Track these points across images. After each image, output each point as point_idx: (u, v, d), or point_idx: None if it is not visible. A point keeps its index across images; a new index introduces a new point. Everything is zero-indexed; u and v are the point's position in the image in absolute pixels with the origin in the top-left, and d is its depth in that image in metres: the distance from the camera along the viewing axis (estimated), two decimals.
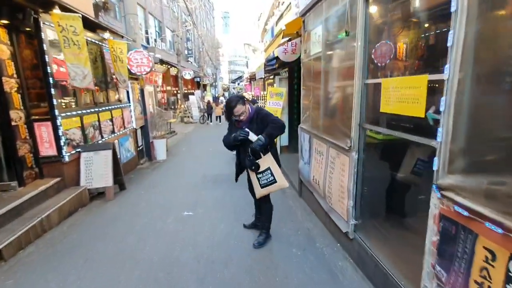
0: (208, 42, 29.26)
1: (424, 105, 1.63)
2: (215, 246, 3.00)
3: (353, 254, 2.71)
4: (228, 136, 2.88)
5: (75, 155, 4.53)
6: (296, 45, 6.28)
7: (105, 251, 2.92)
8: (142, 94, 7.53)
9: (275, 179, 2.70)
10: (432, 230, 1.58)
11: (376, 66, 2.29)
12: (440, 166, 1.48)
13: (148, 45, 15.67)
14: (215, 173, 5.99)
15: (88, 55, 4.19)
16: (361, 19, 2.28)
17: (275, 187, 2.73)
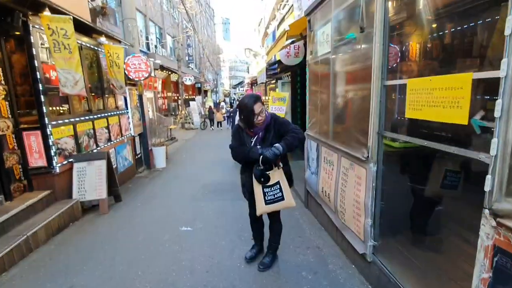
0: (209, 48, 29.20)
1: (467, 110, 1.34)
2: (215, 269, 2.69)
3: (372, 279, 2.38)
4: (239, 147, 2.44)
5: (67, 165, 4.26)
6: (299, 48, 6.03)
7: (92, 278, 2.61)
8: (140, 100, 7.29)
9: (283, 196, 2.38)
10: (483, 265, 1.27)
11: (397, 66, 2.00)
12: (496, 187, 1.18)
13: (149, 51, 15.53)
14: (216, 182, 5.69)
15: (79, 59, 3.95)
16: (379, 13, 2.00)
17: (281, 205, 2.41)
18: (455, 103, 1.40)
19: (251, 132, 2.42)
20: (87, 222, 3.95)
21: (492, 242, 1.22)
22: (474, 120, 1.34)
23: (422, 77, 1.65)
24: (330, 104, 3.09)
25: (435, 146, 1.61)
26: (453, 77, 1.42)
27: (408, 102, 1.78)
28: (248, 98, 2.37)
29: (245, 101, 2.36)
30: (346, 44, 2.70)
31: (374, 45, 2.07)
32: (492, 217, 1.19)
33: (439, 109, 1.51)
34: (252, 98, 2.35)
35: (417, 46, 2.70)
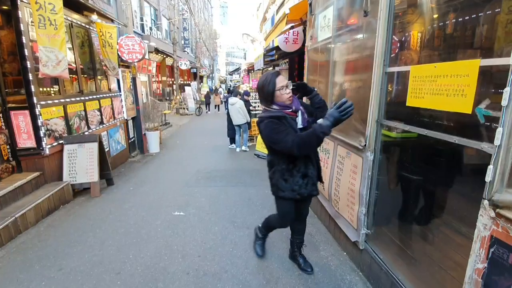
0: (206, 32, 28.50)
1: (472, 99, 1.29)
2: (208, 254, 2.67)
3: (364, 266, 2.40)
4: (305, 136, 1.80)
5: (57, 147, 4.15)
6: (298, 35, 5.89)
7: (82, 261, 2.57)
8: (134, 83, 7.11)
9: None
10: (478, 256, 1.26)
11: (400, 52, 1.94)
12: (497, 177, 1.15)
13: (143, 33, 15.07)
14: (210, 168, 5.64)
15: (65, 37, 3.76)
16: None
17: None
18: (460, 91, 1.35)
19: (292, 112, 1.98)
20: (78, 205, 3.88)
21: (489, 233, 1.20)
22: (479, 109, 1.30)
23: (426, 64, 1.59)
24: (329, 91, 3.02)
25: (435, 136, 1.58)
26: (459, 64, 1.36)
27: (410, 90, 1.73)
28: (267, 75, 2.00)
29: (264, 79, 1.97)
30: (348, 28, 2.62)
31: (378, 30, 1.99)
32: (492, 208, 1.17)
33: (442, 98, 1.47)
34: (270, 74, 2.00)
35: (418, 35, 2.63)
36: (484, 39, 2.05)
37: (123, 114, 6.56)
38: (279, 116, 1.91)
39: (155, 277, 2.34)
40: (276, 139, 1.87)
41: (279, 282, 2.29)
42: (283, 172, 2.03)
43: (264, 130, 1.93)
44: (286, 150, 1.85)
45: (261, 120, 1.97)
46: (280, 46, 6.03)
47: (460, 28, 2.05)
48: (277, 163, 2.06)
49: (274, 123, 1.88)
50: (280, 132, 1.85)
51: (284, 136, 1.83)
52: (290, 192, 2.05)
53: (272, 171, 2.12)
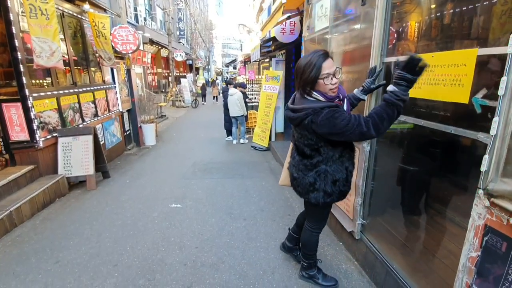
0: (201, 23, 28.06)
1: (469, 89, 1.29)
2: (205, 245, 2.69)
3: (359, 256, 2.43)
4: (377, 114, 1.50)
5: (51, 140, 4.10)
6: (295, 25, 5.81)
7: (79, 253, 2.57)
8: (128, 75, 7.01)
9: None
10: (472, 244, 1.28)
11: (398, 43, 1.92)
12: (492, 167, 1.16)
13: (137, 24, 14.78)
14: (206, 160, 5.63)
15: (57, 27, 3.69)
16: None
17: None
18: (457, 81, 1.35)
19: (340, 101, 1.71)
20: (73, 198, 3.87)
21: (483, 222, 1.21)
22: (476, 99, 1.30)
23: (424, 53, 1.58)
24: None
25: (432, 126, 1.58)
26: (457, 53, 1.35)
27: None
28: (312, 56, 1.60)
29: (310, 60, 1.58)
30: (346, 18, 2.58)
31: (376, 19, 1.97)
32: (486, 197, 1.18)
33: (439, 88, 1.46)
34: (317, 53, 1.59)
35: (416, 25, 2.60)
36: (481, 29, 2.03)
37: (118, 107, 6.48)
38: (331, 105, 1.57)
39: (153, 268, 2.35)
40: (346, 126, 1.50)
41: (276, 273, 2.31)
42: (333, 173, 1.73)
43: (327, 121, 1.53)
44: (361, 135, 1.52)
45: (315, 111, 1.56)
46: (276, 36, 5.96)
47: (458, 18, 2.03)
48: (325, 163, 1.72)
49: (334, 111, 1.54)
50: (346, 118, 1.52)
51: (354, 121, 1.50)
52: (337, 195, 1.79)
53: (315, 173, 1.75)
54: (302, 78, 1.63)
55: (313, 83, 1.60)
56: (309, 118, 1.60)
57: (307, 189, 1.81)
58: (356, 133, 1.52)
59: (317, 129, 1.60)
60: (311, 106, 1.61)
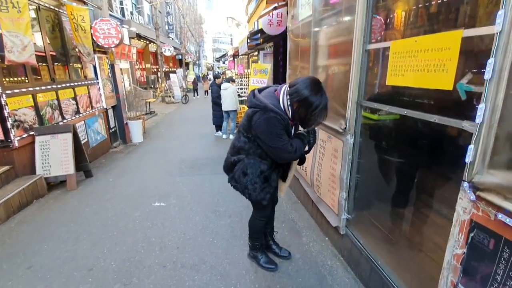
0: (190, 16, 27.52)
1: (453, 74, 1.19)
2: (187, 245, 2.58)
3: (344, 251, 2.36)
4: (300, 145, 1.82)
5: (27, 139, 3.90)
6: (282, 16, 5.66)
7: (53, 257, 2.44)
8: (112, 70, 6.76)
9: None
10: (457, 241, 1.20)
11: (385, 32, 1.81)
12: (478, 158, 1.07)
13: (124, 18, 14.38)
14: (194, 157, 5.50)
15: (29, 21, 3.47)
16: None
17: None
18: (441, 66, 1.25)
19: (292, 122, 1.84)
20: (52, 199, 3.70)
21: (469, 217, 1.13)
22: (460, 85, 1.21)
23: (407, 38, 1.48)
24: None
25: (415, 115, 1.49)
26: (441, 36, 1.25)
27: (390, 68, 1.62)
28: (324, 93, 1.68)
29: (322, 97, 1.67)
30: (328, 6, 2.46)
31: (358, 4, 1.85)
32: (472, 190, 1.10)
33: (423, 74, 1.36)
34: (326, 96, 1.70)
35: (402, 14, 2.51)
36: (468, 18, 1.94)
37: (102, 103, 6.26)
38: (283, 118, 1.71)
39: (130, 271, 2.24)
40: (278, 137, 1.70)
41: (259, 271, 2.22)
42: (246, 166, 1.88)
43: (265, 122, 1.68)
44: (282, 152, 1.75)
45: (266, 109, 1.68)
46: (264, 28, 5.80)
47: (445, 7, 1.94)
48: (246, 154, 1.88)
49: (279, 121, 1.68)
50: (282, 134, 1.72)
51: (285, 138, 1.73)
52: (242, 188, 1.96)
53: (237, 158, 1.91)
54: (309, 107, 1.66)
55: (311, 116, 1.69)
56: (257, 111, 1.71)
57: (228, 167, 2.00)
58: (279, 146, 1.72)
59: (254, 125, 1.73)
60: (266, 104, 1.68)
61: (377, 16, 2.03)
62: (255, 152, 1.86)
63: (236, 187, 1.97)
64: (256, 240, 2.28)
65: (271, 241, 2.46)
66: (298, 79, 1.73)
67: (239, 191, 1.97)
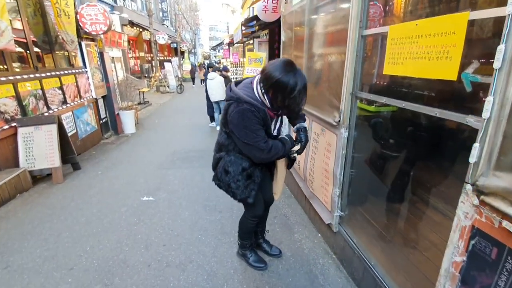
0: (186, 3, 26.78)
1: (458, 62, 1.06)
2: (174, 243, 2.48)
3: (337, 249, 2.27)
4: (276, 143, 1.66)
5: (9, 130, 3.73)
6: (277, 2, 5.43)
7: (32, 256, 2.32)
8: (101, 58, 6.52)
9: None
10: (456, 247, 1.10)
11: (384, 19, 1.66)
12: (483, 158, 0.95)
13: (115, 4, 13.90)
14: (187, 148, 5.36)
15: (5, 3, 3.25)
16: None
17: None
18: (444, 53, 1.11)
19: (274, 114, 1.70)
20: (37, 193, 3.57)
21: (470, 223, 1.02)
22: (465, 74, 1.07)
23: (407, 22, 1.33)
24: (304, 61, 2.74)
25: (415, 108, 1.36)
26: (444, 19, 1.11)
27: (388, 55, 1.48)
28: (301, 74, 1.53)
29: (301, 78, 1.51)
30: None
31: None
32: (475, 194, 0.98)
33: (424, 62, 1.23)
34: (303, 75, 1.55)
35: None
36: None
37: (91, 93, 6.05)
38: (260, 109, 1.55)
39: (112, 271, 2.13)
40: (253, 132, 1.55)
41: (248, 270, 2.13)
42: (227, 164, 1.76)
43: (237, 115, 1.54)
44: (254, 150, 1.60)
45: (239, 100, 1.54)
46: (258, 15, 5.58)
47: None
48: (226, 151, 1.78)
49: (254, 113, 1.53)
50: (257, 129, 1.56)
51: (261, 135, 1.57)
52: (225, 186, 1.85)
53: (219, 155, 1.82)
54: (290, 97, 1.51)
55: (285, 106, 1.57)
56: (232, 103, 1.59)
57: (213, 165, 1.92)
58: (251, 144, 1.58)
59: (228, 118, 1.61)
60: (240, 95, 1.56)
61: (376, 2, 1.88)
62: (235, 148, 1.75)
63: (220, 185, 1.86)
64: (245, 239, 2.18)
65: (262, 239, 2.36)
66: (268, 63, 1.58)
67: (223, 189, 1.86)
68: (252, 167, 1.77)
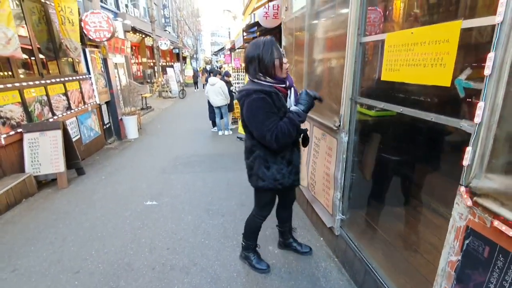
0: (188, 10, 27.10)
1: (451, 69, 1.10)
2: (177, 246, 2.51)
3: (339, 252, 2.30)
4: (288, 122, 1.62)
5: (15, 136, 3.80)
6: (278, 8, 5.51)
7: (39, 260, 2.36)
8: (105, 65, 6.63)
9: None
10: (452, 247, 1.13)
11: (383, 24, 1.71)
12: (476, 161, 0.99)
13: (118, 11, 14.14)
14: (189, 153, 5.41)
15: (11, 11, 3.33)
16: None
17: None
18: (438, 60, 1.16)
19: (284, 89, 1.72)
20: (42, 198, 3.62)
21: (465, 223, 1.06)
22: (459, 81, 1.12)
23: (403, 30, 1.38)
24: (304, 67, 2.79)
25: (411, 113, 1.40)
26: (438, 27, 1.16)
27: (385, 62, 1.53)
28: (263, 42, 1.64)
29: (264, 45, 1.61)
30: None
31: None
32: (468, 195, 1.02)
33: (419, 69, 1.27)
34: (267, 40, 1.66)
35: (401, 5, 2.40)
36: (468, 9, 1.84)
37: (95, 99, 6.14)
38: (270, 92, 1.60)
39: (117, 274, 2.17)
40: (260, 122, 1.60)
41: (251, 274, 2.16)
42: (266, 159, 1.77)
43: (249, 105, 1.61)
44: (263, 141, 1.66)
45: (248, 93, 1.60)
46: (260, 21, 5.66)
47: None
48: (259, 148, 1.77)
49: (264, 101, 1.58)
50: (266, 117, 1.59)
51: (268, 124, 1.59)
52: (271, 181, 1.80)
53: (252, 158, 1.82)
54: (262, 63, 1.63)
55: (273, 66, 1.63)
56: (243, 99, 1.66)
57: (248, 173, 1.91)
58: (261, 134, 1.62)
59: (243, 113, 1.68)
60: (249, 88, 1.64)
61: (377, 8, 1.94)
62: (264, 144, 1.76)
63: (265, 185, 1.81)
64: (251, 239, 2.20)
65: (291, 238, 2.40)
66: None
67: (270, 187, 1.82)
68: (288, 153, 1.79)
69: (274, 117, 1.61)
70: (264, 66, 1.62)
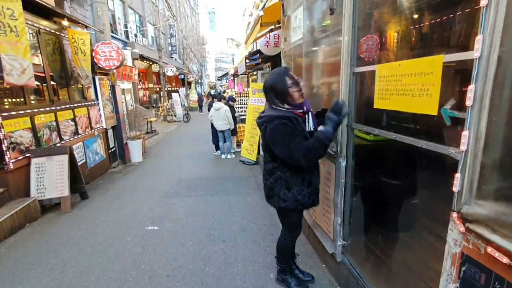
0: (193, 38, 28.36)
1: (437, 99, 1.17)
2: (177, 273, 2.48)
3: (341, 280, 2.25)
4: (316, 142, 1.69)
5: (23, 161, 3.90)
6: (279, 37, 5.78)
7: (39, 285, 2.34)
8: (113, 91, 6.88)
9: None
10: (450, 275, 1.13)
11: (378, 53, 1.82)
12: (465, 187, 1.02)
13: (128, 40, 14.84)
14: (191, 176, 5.45)
15: (28, 44, 3.56)
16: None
17: None
18: (425, 91, 1.23)
19: (302, 114, 1.83)
20: (45, 222, 3.64)
21: (460, 250, 1.07)
22: (444, 110, 1.18)
23: (391, 62, 1.47)
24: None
25: (403, 140, 1.45)
26: (422, 61, 1.24)
27: (377, 91, 1.60)
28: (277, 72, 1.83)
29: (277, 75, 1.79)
30: (317, 28, 2.50)
31: (344, 27, 1.87)
32: (461, 221, 1.04)
33: (407, 98, 1.34)
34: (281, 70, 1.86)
35: (394, 35, 2.53)
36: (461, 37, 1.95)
37: (102, 123, 6.32)
38: (290, 118, 1.72)
39: None
40: (286, 144, 1.68)
41: None
42: (287, 180, 1.84)
43: (272, 130, 1.72)
44: (291, 160, 1.71)
45: (270, 119, 1.73)
46: (261, 49, 5.92)
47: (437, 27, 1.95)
48: (281, 170, 1.84)
49: (286, 125, 1.70)
50: (292, 138, 1.69)
51: (295, 144, 1.67)
52: (292, 202, 1.86)
53: (273, 179, 1.89)
54: (276, 91, 1.79)
55: (287, 93, 1.77)
56: (265, 125, 1.78)
57: (267, 194, 1.98)
58: (288, 154, 1.69)
59: (267, 137, 1.79)
60: (270, 114, 1.78)
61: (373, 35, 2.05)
62: (286, 166, 1.83)
63: (287, 205, 1.87)
64: (285, 262, 2.21)
65: (294, 265, 2.37)
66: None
67: (292, 208, 1.88)
68: (308, 175, 1.87)
69: (299, 137, 1.71)
70: (280, 95, 1.78)
